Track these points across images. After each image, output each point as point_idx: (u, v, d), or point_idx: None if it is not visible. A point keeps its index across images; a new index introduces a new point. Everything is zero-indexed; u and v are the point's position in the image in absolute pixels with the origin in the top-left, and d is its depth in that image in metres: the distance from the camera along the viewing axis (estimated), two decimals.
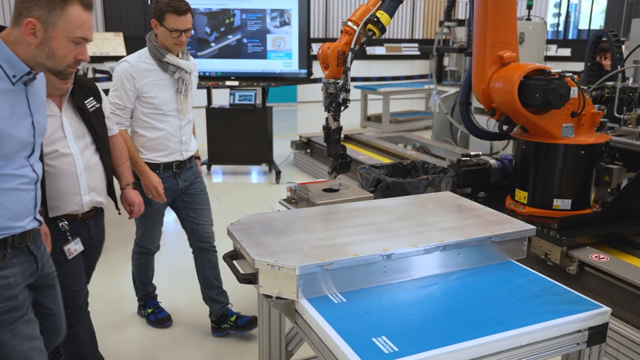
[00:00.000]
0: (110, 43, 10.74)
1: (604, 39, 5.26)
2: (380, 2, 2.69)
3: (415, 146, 6.86)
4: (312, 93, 12.35)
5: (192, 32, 2.91)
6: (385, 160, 5.67)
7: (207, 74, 6.06)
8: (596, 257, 3.01)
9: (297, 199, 2.97)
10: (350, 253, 1.75)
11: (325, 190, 2.99)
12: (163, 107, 2.83)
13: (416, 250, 1.82)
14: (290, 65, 6.14)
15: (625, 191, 3.34)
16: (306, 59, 6.13)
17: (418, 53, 13.76)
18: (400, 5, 2.77)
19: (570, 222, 3.20)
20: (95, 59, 10.14)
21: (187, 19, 2.71)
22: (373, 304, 1.68)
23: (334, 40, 2.91)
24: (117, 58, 10.55)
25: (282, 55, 6.14)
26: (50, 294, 1.98)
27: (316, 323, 1.57)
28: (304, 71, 6.18)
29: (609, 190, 3.59)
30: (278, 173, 6.37)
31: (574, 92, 3.14)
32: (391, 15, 2.68)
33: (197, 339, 3.12)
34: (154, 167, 2.87)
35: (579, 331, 1.64)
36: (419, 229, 1.99)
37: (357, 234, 1.93)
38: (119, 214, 2.56)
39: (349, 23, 2.73)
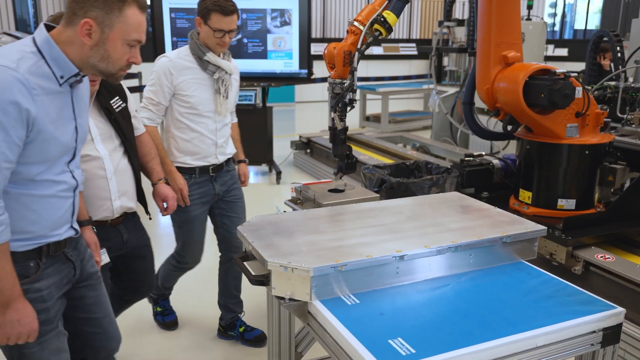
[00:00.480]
0: None
1: (604, 38, 5.27)
2: (387, 1, 2.69)
3: (415, 146, 6.86)
4: (310, 93, 12.34)
5: (238, 31, 2.86)
6: (386, 160, 5.67)
7: None
8: (602, 257, 3.01)
9: (303, 199, 2.96)
10: (363, 254, 1.74)
11: (330, 190, 2.97)
12: (199, 107, 2.74)
13: (429, 251, 1.81)
14: (291, 65, 6.14)
15: (629, 191, 3.35)
16: (307, 59, 6.12)
17: (416, 53, 13.77)
18: None
19: (575, 222, 3.21)
20: None
21: (232, 20, 2.65)
22: (386, 305, 1.67)
23: (332, 40, 2.92)
24: None
25: (282, 55, 6.13)
26: (93, 295, 1.87)
27: (331, 325, 1.56)
28: (305, 71, 6.17)
29: (612, 190, 3.59)
30: (278, 173, 6.36)
31: (579, 92, 3.15)
32: (398, 15, 2.68)
33: (205, 341, 3.11)
34: (189, 170, 2.78)
35: (594, 332, 1.64)
36: (429, 229, 1.99)
37: (368, 235, 1.92)
38: (150, 218, 2.46)
39: (355, 23, 2.72)
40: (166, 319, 3.21)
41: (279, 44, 6.08)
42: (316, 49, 10.01)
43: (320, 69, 9.63)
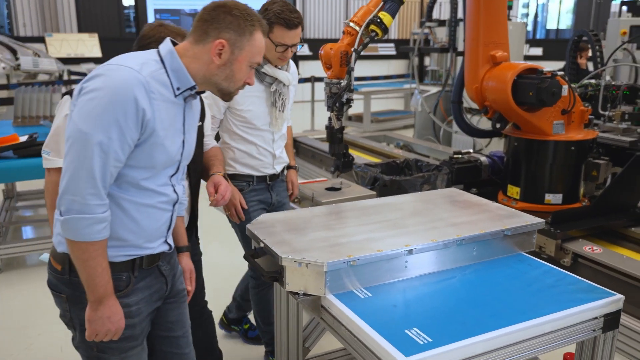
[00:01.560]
0: (85, 44, 10.57)
1: (584, 38, 5.43)
2: (382, 3, 2.74)
3: (399, 145, 6.94)
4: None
5: (300, 46, 2.57)
6: (373, 159, 5.73)
7: None
8: (589, 248, 3.13)
9: (300, 198, 3.01)
10: (373, 249, 1.79)
11: (327, 189, 3.03)
12: (254, 122, 2.57)
13: (435, 245, 1.87)
14: None
15: (613, 186, 3.48)
16: (292, 58, 6.14)
17: (394, 53, 13.91)
18: None
19: (563, 216, 3.32)
20: (71, 61, 9.97)
21: (297, 34, 2.45)
22: (398, 297, 1.73)
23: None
24: (93, 60, 10.42)
25: None
26: (177, 314, 1.80)
27: (347, 317, 1.61)
28: None
29: (596, 184, 3.71)
30: None
31: (565, 90, 3.26)
32: (393, 16, 2.73)
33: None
34: (247, 178, 2.66)
35: (595, 318, 1.72)
36: (433, 224, 2.05)
37: (375, 231, 1.97)
38: (198, 241, 2.34)
39: (351, 24, 2.76)
40: None
41: None
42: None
43: (301, 70, 9.66)
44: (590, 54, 5.73)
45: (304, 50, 11.85)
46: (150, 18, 5.76)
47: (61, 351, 2.91)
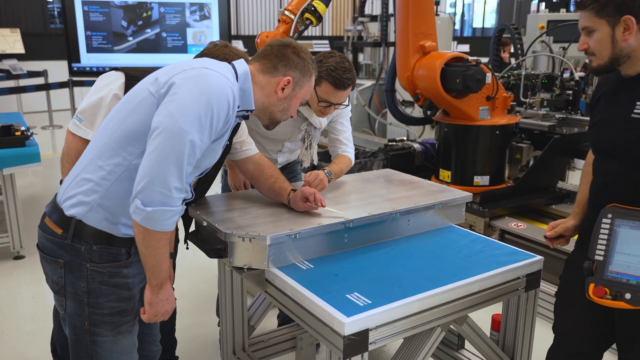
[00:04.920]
0: (7, 40, 10.07)
1: (505, 34, 5.75)
2: None
3: None
4: None
5: (346, 104, 2.37)
6: None
7: None
8: (515, 225, 3.35)
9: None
10: (315, 223, 1.87)
11: None
12: (270, 136, 2.44)
13: (372, 218, 1.97)
14: None
15: (534, 168, 3.73)
16: None
17: (329, 49, 14.06)
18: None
19: (490, 196, 3.54)
20: None
21: (344, 94, 2.27)
22: (339, 267, 1.81)
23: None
24: (15, 56, 9.92)
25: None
26: None
27: (291, 287, 1.67)
28: None
29: (519, 167, 3.97)
30: None
31: (489, 77, 3.46)
32: (327, 4, 2.83)
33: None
34: None
35: (518, 278, 1.87)
36: (371, 200, 2.15)
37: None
38: (187, 248, 2.19)
39: (286, 12, 2.84)
40: None
41: (199, 38, 6.05)
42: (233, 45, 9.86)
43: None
44: (512, 49, 6.08)
45: (239, 46, 11.80)
46: (78, 11, 5.56)
47: None
